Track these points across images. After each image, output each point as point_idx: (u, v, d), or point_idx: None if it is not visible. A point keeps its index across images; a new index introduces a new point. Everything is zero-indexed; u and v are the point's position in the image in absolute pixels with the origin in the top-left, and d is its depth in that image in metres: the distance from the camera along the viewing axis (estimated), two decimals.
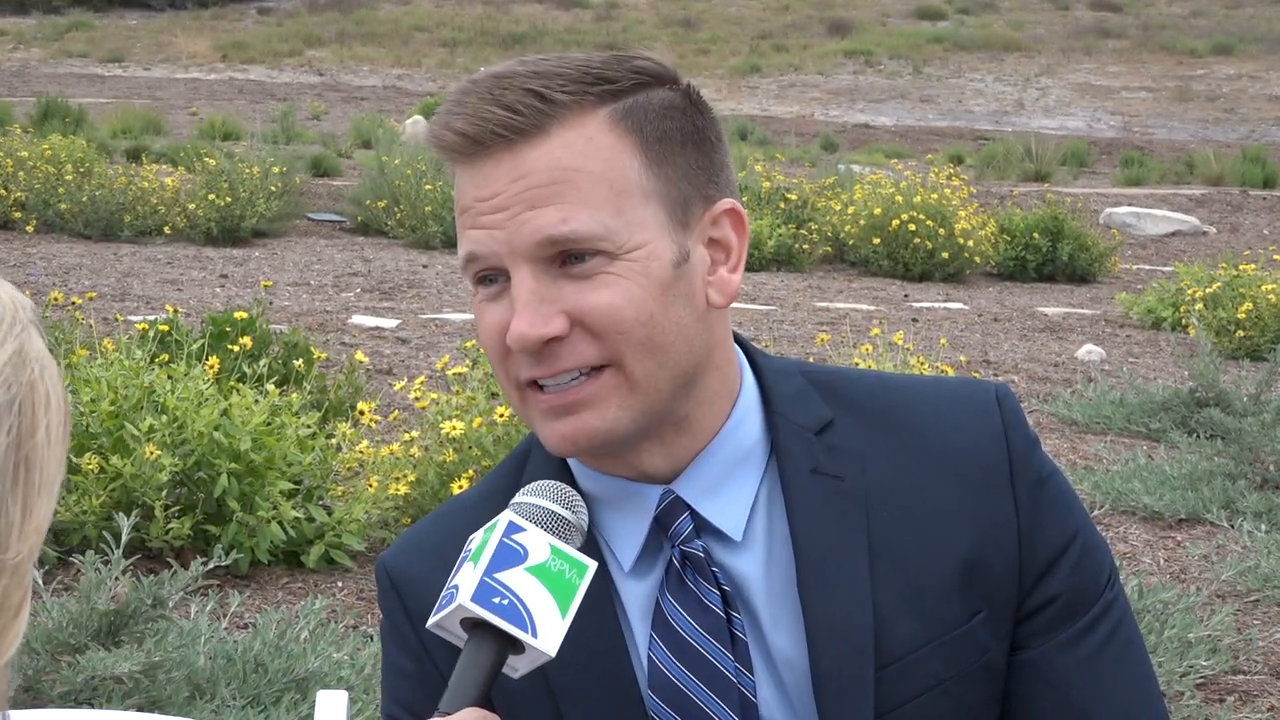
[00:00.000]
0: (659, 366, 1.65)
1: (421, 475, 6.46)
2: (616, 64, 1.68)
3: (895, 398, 1.79)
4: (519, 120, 1.62)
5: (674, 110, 1.69)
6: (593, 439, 1.66)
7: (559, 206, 1.61)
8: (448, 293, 14.42)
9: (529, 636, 1.48)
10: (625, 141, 1.65)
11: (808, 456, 1.73)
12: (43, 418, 1.22)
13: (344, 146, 28.28)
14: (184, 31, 54.66)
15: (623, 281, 1.63)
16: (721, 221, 1.72)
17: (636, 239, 1.64)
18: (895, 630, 1.69)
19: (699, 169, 1.70)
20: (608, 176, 1.63)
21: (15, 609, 1.21)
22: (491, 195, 1.64)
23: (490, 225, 1.64)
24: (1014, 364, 11.80)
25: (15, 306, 1.23)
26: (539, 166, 1.62)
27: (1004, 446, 1.76)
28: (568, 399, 1.65)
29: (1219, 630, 5.58)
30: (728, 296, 1.71)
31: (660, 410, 1.68)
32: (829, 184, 19.84)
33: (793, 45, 53.30)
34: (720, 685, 1.69)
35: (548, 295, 1.63)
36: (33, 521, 1.21)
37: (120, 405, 6.26)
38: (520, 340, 1.62)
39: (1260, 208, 24.97)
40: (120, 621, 4.64)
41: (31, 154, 18.08)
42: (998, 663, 1.73)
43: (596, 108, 1.65)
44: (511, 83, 1.63)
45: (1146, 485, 7.68)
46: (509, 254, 1.63)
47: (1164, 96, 45.82)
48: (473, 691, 1.47)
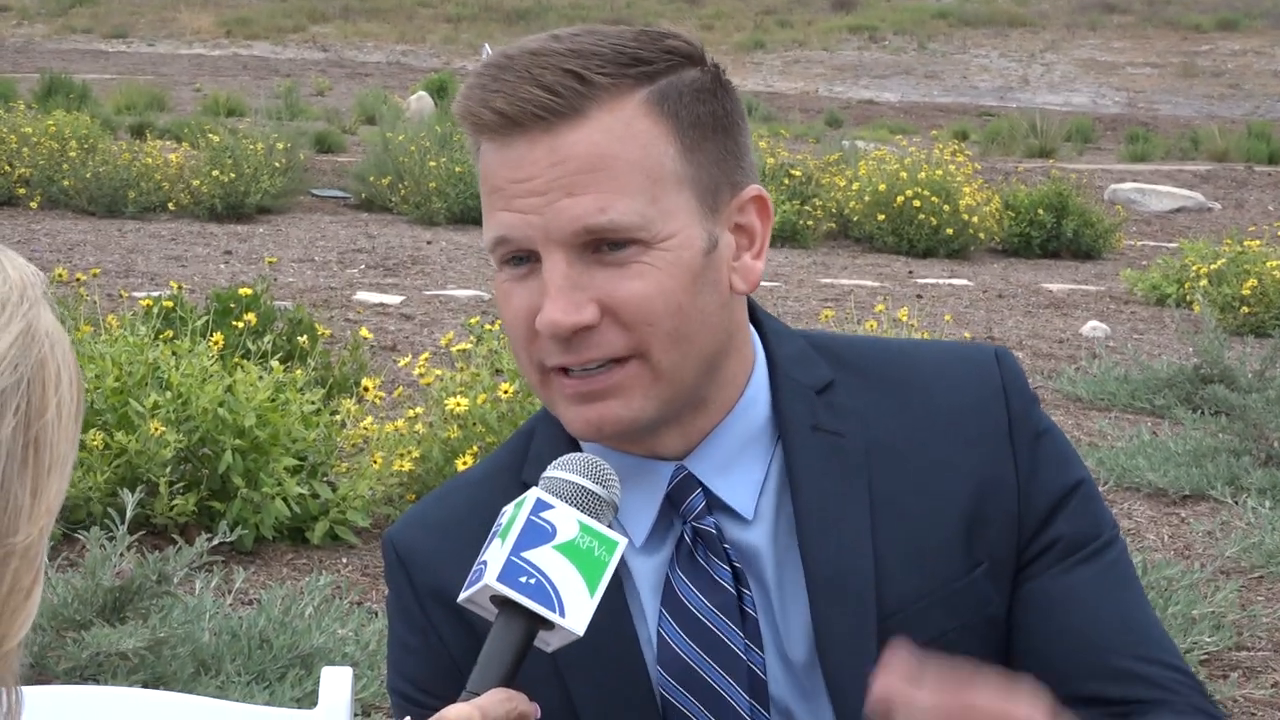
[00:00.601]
0: (684, 356, 1.65)
1: (426, 451, 6.47)
2: (650, 43, 1.66)
3: (896, 359, 1.80)
4: (558, 102, 1.60)
5: (705, 93, 1.68)
6: (618, 426, 1.66)
7: (597, 195, 1.60)
8: (452, 269, 14.42)
9: (557, 616, 1.48)
10: (661, 127, 1.64)
11: (808, 413, 1.74)
12: (53, 396, 1.20)
13: (348, 123, 28.24)
14: (188, 7, 54.56)
15: (656, 272, 1.62)
16: (748, 208, 1.71)
17: (670, 227, 1.63)
18: (897, 582, 1.69)
19: (728, 154, 1.69)
20: (645, 164, 1.62)
21: (27, 590, 1.20)
22: (527, 178, 1.62)
23: (525, 209, 1.62)
24: (1018, 340, 11.79)
25: (24, 283, 1.20)
26: (577, 151, 1.61)
27: (1003, 403, 1.76)
28: (594, 386, 1.65)
29: (1223, 606, 5.58)
30: (751, 283, 1.71)
31: (683, 396, 1.68)
32: (833, 160, 19.80)
33: (797, 21, 53.19)
34: (729, 661, 1.70)
35: (580, 281, 1.62)
36: (43, 502, 1.19)
37: (125, 382, 6.27)
38: (552, 327, 1.61)
39: (1265, 184, 24.92)
40: (125, 598, 4.64)
41: (35, 130, 18.06)
42: (1000, 615, 1.74)
43: (634, 90, 1.63)
44: (550, 61, 1.61)
45: (1151, 462, 7.68)
46: (543, 239, 1.62)
47: (1169, 72, 45.72)
48: (500, 671, 1.47)
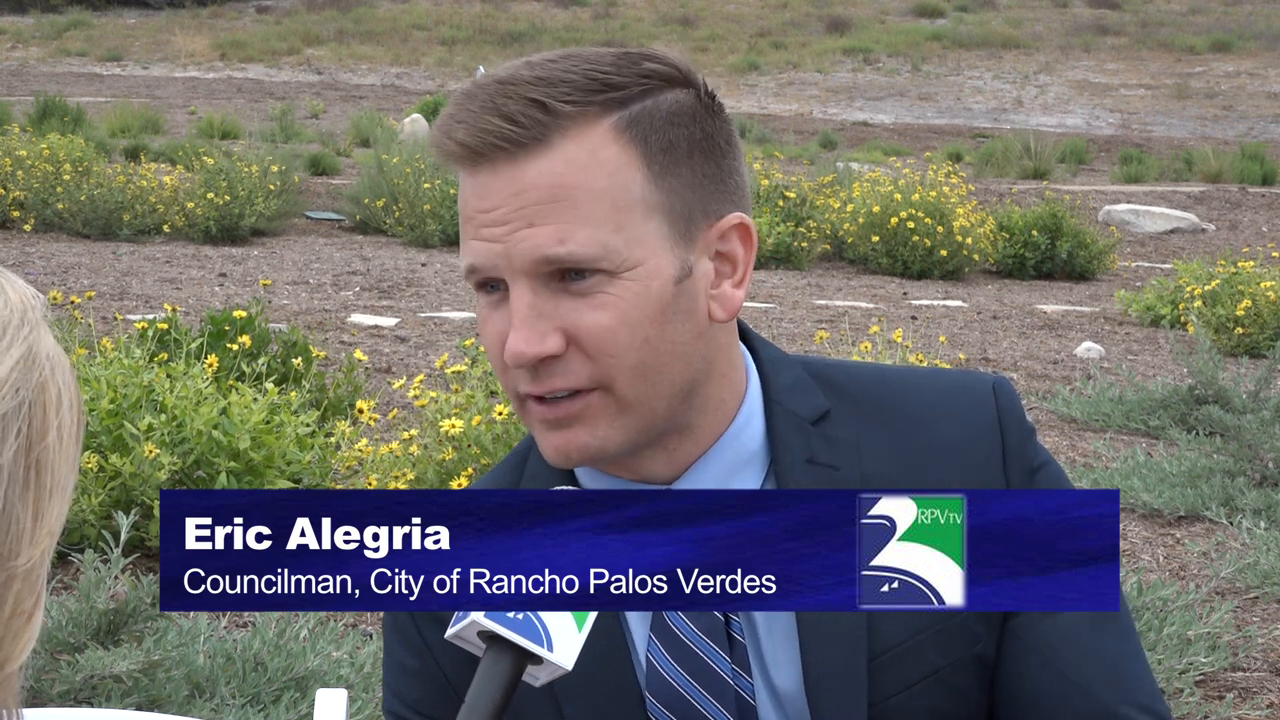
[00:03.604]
0: (651, 387, 1.64)
1: (420, 474, 6.47)
2: (627, 66, 1.64)
3: (893, 388, 1.79)
4: (519, 133, 1.59)
5: (683, 116, 1.65)
6: (584, 453, 1.66)
7: (557, 225, 1.59)
8: (446, 291, 14.42)
9: (545, 650, 1.47)
10: (628, 153, 1.62)
11: (804, 447, 1.73)
12: (54, 419, 1.19)
13: (342, 145, 28.26)
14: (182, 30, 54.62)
15: (620, 302, 1.61)
16: (730, 235, 1.69)
17: (636, 255, 1.61)
18: (887, 620, 1.69)
19: (706, 179, 1.67)
20: (610, 193, 1.61)
21: (28, 613, 1.20)
22: (491, 208, 1.62)
23: (489, 239, 1.62)
24: (1013, 361, 11.80)
25: (25, 305, 1.20)
26: (539, 182, 1.60)
27: (998, 436, 1.76)
28: (559, 413, 1.65)
29: (1218, 627, 5.58)
30: (730, 311, 1.69)
31: (657, 425, 1.67)
32: (828, 182, 19.82)
33: (791, 43, 53.28)
34: (717, 687, 1.70)
35: (545, 310, 1.61)
36: (45, 525, 1.19)
37: (119, 404, 6.26)
38: (517, 358, 1.61)
39: (1259, 205, 24.96)
40: (119, 620, 4.64)
41: (30, 153, 18.07)
42: (988, 653, 1.73)
43: (600, 117, 1.62)
44: (515, 90, 1.60)
45: (1145, 482, 7.68)
46: (508, 268, 1.61)
47: (1162, 93, 45.81)
48: (488, 707, 1.46)
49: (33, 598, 1.20)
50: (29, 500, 1.18)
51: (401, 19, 56.60)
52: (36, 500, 1.18)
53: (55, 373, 1.21)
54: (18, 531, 1.17)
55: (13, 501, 1.16)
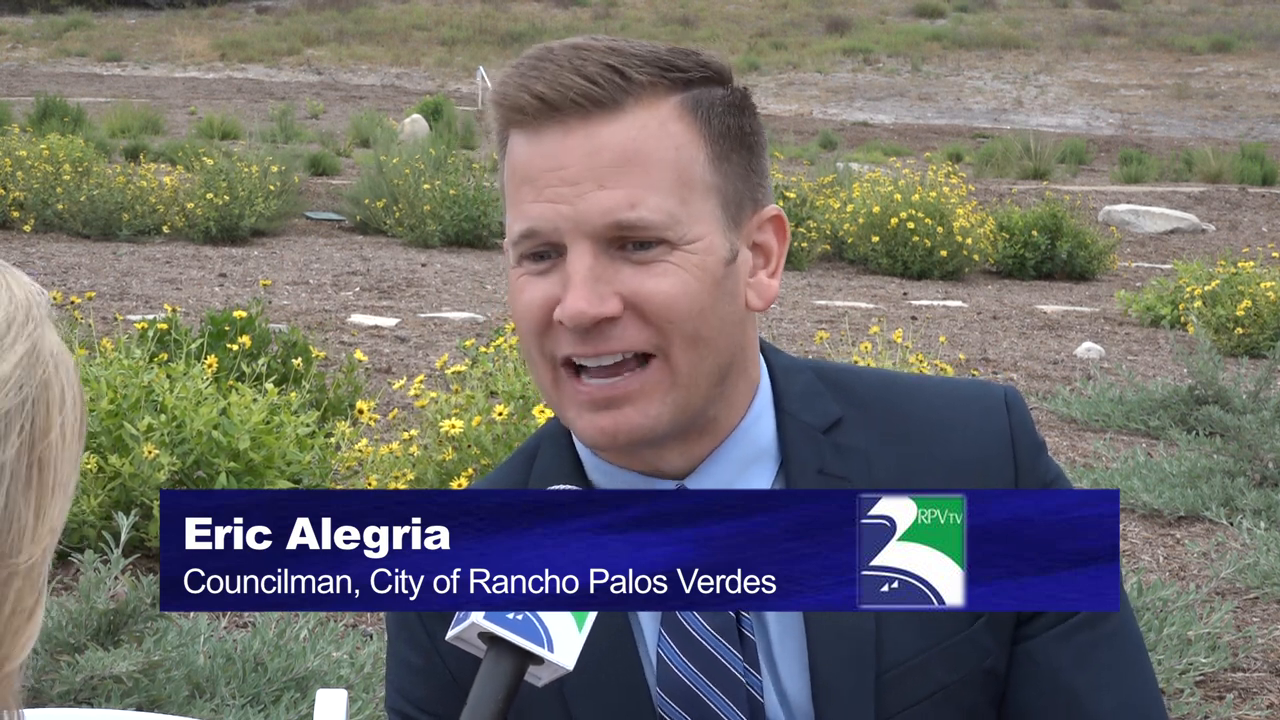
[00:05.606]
0: (701, 360, 1.65)
1: (421, 474, 6.46)
2: (684, 55, 1.68)
3: (904, 398, 1.79)
4: (598, 92, 1.61)
5: (734, 109, 1.70)
6: (633, 434, 1.66)
7: (629, 190, 1.61)
8: (446, 291, 14.42)
9: (545, 651, 1.47)
10: (693, 132, 1.65)
11: (815, 456, 1.74)
12: (56, 417, 1.20)
13: (342, 145, 28.27)
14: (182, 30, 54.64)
15: (681, 272, 1.63)
16: (767, 227, 1.73)
17: (696, 231, 1.64)
18: (897, 635, 1.69)
19: (751, 171, 1.71)
20: (677, 164, 1.64)
21: (29, 612, 1.20)
22: (560, 166, 1.62)
23: (555, 199, 1.62)
24: (1013, 362, 11.80)
25: (29, 303, 1.20)
26: (613, 143, 1.62)
27: (1010, 451, 1.76)
28: (614, 392, 1.65)
29: (1218, 627, 5.58)
30: (766, 300, 1.72)
31: (696, 408, 1.68)
32: (828, 182, 19.84)
33: (791, 43, 53.30)
34: (728, 684, 1.69)
35: (604, 275, 1.62)
36: (47, 523, 1.19)
37: (119, 404, 6.26)
38: (576, 317, 1.61)
39: (1259, 205, 24.97)
40: (119, 621, 4.64)
41: (30, 153, 18.07)
42: (999, 667, 1.73)
43: (669, 93, 1.65)
44: (590, 55, 1.63)
45: (1146, 483, 7.68)
46: (571, 229, 1.62)
47: (1162, 94, 45.82)
48: (490, 709, 1.46)
49: (34, 596, 1.20)
50: (31, 498, 1.18)
51: (401, 19, 56.63)
52: (39, 498, 1.18)
53: (59, 370, 1.21)
54: (20, 529, 1.17)
55: (15, 499, 1.16)
